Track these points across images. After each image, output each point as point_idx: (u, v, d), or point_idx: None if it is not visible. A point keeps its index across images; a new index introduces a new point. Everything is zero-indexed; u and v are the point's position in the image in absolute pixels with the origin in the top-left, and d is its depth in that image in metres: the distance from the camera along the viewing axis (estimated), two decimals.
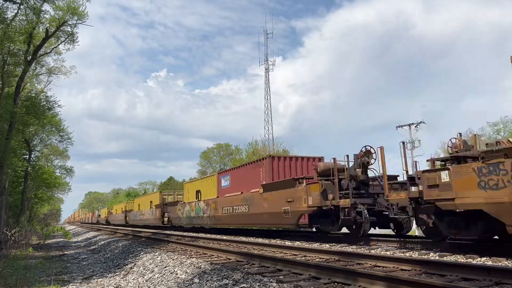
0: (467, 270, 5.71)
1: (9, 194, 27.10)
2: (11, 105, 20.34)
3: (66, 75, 28.53)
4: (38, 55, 23.09)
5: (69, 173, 43.91)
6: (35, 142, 33.58)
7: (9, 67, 21.67)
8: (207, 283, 6.59)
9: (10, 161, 21.68)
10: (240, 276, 6.58)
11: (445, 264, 6.09)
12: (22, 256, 16.11)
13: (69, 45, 23.44)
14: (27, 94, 26.16)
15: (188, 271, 7.96)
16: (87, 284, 9.73)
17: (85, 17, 21.63)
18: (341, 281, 5.76)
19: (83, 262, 15.08)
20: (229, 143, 65.32)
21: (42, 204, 52.24)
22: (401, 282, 4.94)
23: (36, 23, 20.85)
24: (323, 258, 8.42)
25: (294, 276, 6.54)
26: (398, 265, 6.73)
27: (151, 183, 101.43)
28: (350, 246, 11.18)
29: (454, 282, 5.25)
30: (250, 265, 8.01)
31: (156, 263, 9.97)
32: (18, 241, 21.46)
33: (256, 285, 5.89)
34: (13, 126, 21.00)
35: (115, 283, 9.29)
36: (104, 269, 12.45)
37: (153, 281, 8.29)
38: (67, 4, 21.01)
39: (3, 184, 21.95)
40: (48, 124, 29.80)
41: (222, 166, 59.97)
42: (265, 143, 46.89)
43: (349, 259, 7.81)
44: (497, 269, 5.41)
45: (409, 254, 8.97)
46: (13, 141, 22.00)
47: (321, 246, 11.17)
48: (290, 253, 9.76)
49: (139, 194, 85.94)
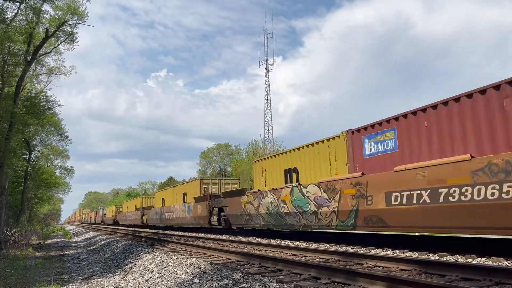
0: (467, 270, 5.70)
1: (9, 194, 27.11)
2: (11, 105, 20.34)
3: (66, 75, 28.59)
4: (38, 55, 23.09)
5: (69, 173, 43.98)
6: (35, 142, 33.60)
7: (9, 67, 21.68)
8: (207, 283, 6.59)
9: (10, 161, 21.68)
10: (240, 276, 6.58)
11: (445, 264, 6.08)
12: (22, 256, 16.11)
13: (69, 45, 23.49)
14: (27, 94, 26.16)
15: (188, 271, 7.95)
16: (87, 284, 9.73)
17: (85, 17, 21.66)
18: (341, 281, 5.76)
19: (83, 262, 15.08)
20: (229, 143, 65.46)
21: (42, 204, 52.29)
22: (401, 282, 4.94)
23: (36, 23, 20.86)
24: (323, 258, 8.42)
25: (294, 276, 6.54)
26: (398, 265, 6.73)
27: (151, 183, 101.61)
28: (350, 246, 11.18)
29: (454, 282, 5.24)
30: (250, 265, 8.01)
31: (156, 263, 9.96)
32: (18, 241, 21.45)
33: (256, 285, 5.89)
34: (13, 126, 21.01)
35: (115, 283, 9.29)
36: (104, 269, 12.45)
37: (153, 281, 8.29)
38: (67, 4, 21.02)
39: (3, 184, 21.95)
40: (48, 124, 29.81)
41: (222, 166, 59.97)
42: (265, 143, 46.94)
43: (349, 259, 7.81)
44: (497, 269, 5.40)
45: (409, 254, 8.96)
46: (13, 141, 21.99)
47: (321, 246, 11.17)
48: (290, 253, 9.76)
49: (139, 194, 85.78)
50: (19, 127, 23.73)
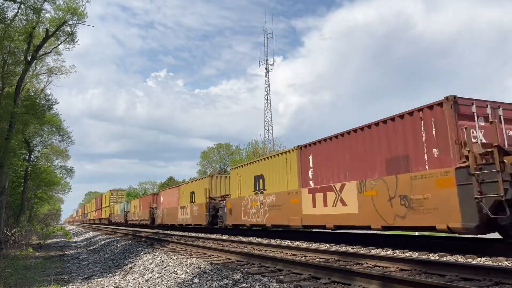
0: (467, 270, 5.70)
1: (9, 194, 27.11)
2: (11, 105, 20.33)
3: (66, 75, 28.62)
4: (38, 55, 23.09)
5: (69, 173, 43.97)
6: (35, 142, 33.60)
7: (9, 67, 21.69)
8: (207, 283, 6.59)
9: (10, 161, 21.68)
10: (240, 276, 6.58)
11: (445, 264, 6.09)
12: (22, 256, 16.11)
13: (69, 45, 23.48)
14: (27, 94, 26.17)
15: (188, 271, 7.95)
16: (87, 284, 9.73)
17: (85, 17, 21.66)
18: (341, 281, 5.76)
19: (83, 262, 15.07)
20: (230, 143, 65.31)
21: (42, 204, 52.32)
22: (397, 282, 4.96)
23: (36, 23, 20.86)
24: (323, 258, 8.42)
25: (294, 276, 6.54)
26: (398, 265, 6.73)
27: (151, 183, 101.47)
28: (350, 246, 11.18)
29: (454, 282, 5.25)
30: (250, 265, 8.01)
31: (156, 263, 9.96)
32: (18, 241, 21.45)
33: (256, 285, 5.89)
34: (13, 126, 21.00)
35: (115, 283, 9.29)
36: (104, 269, 12.45)
37: (153, 281, 8.28)
38: (67, 4, 21.03)
39: (3, 184, 21.95)
40: (48, 124, 29.80)
41: (223, 166, 59.85)
42: (265, 143, 46.90)
43: (349, 259, 7.81)
44: (497, 269, 5.40)
45: (409, 254, 8.96)
46: (13, 141, 22.00)
47: (321, 246, 11.17)
48: (290, 253, 9.76)
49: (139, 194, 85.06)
50: (19, 127, 23.73)
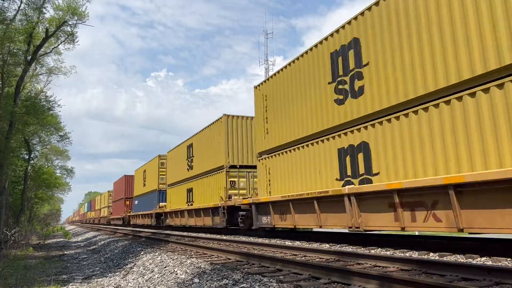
0: (467, 270, 5.70)
1: (9, 194, 27.11)
2: (11, 105, 20.34)
3: (66, 75, 28.64)
4: (38, 55, 23.11)
5: (69, 173, 44.00)
6: (35, 142, 33.63)
7: (9, 67, 21.69)
8: (207, 283, 6.59)
9: (10, 161, 21.69)
10: (240, 276, 6.58)
11: (445, 264, 6.08)
12: (22, 256, 16.11)
13: (69, 45, 23.51)
14: (27, 94, 26.18)
15: (188, 271, 7.96)
16: (87, 284, 9.73)
17: (85, 17, 21.69)
18: (340, 280, 5.77)
19: (83, 262, 15.08)
20: None
21: (42, 204, 52.31)
22: (396, 281, 4.97)
23: (36, 23, 20.88)
24: (323, 258, 8.42)
25: (294, 276, 6.54)
26: (398, 265, 6.73)
27: None
28: (350, 246, 11.18)
29: (454, 282, 5.25)
30: (250, 265, 8.01)
31: (156, 263, 9.97)
32: (18, 241, 21.47)
33: (256, 285, 5.89)
34: (13, 126, 21.01)
35: (115, 283, 9.29)
36: (104, 269, 12.45)
37: (153, 281, 8.29)
38: (67, 4, 21.05)
39: (3, 184, 21.95)
40: (48, 124, 29.83)
41: None
42: None
43: (349, 259, 7.81)
44: (497, 269, 5.40)
45: (409, 254, 8.96)
46: (13, 141, 22.01)
47: (321, 246, 11.17)
48: (290, 253, 9.76)
49: None
50: (19, 127, 23.74)
